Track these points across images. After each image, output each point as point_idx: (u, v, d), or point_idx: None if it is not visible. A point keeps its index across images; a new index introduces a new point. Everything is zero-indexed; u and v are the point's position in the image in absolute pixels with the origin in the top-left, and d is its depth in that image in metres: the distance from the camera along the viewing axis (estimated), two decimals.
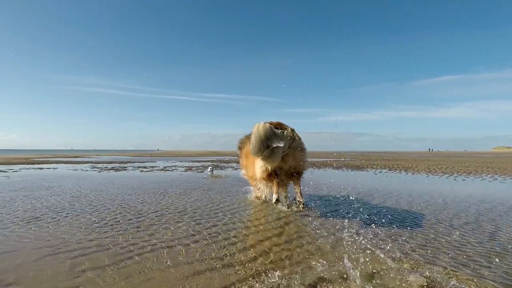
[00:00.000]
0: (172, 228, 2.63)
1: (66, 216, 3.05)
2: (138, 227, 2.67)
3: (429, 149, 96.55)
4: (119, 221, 2.88)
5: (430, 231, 2.59)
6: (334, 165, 12.85)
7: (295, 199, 3.50)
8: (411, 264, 1.82)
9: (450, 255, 2.00)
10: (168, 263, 1.85)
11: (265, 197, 3.86)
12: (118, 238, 2.36)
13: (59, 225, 2.73)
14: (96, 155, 30.01)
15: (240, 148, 4.19)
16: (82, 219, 2.93)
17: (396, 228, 2.65)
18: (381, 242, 2.24)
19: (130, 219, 2.95)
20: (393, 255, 1.95)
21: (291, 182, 3.51)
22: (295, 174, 3.37)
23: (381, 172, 9.24)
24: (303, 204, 3.24)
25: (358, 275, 1.60)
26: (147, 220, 2.91)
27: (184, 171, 9.12)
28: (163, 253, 2.03)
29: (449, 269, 1.75)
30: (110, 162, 14.48)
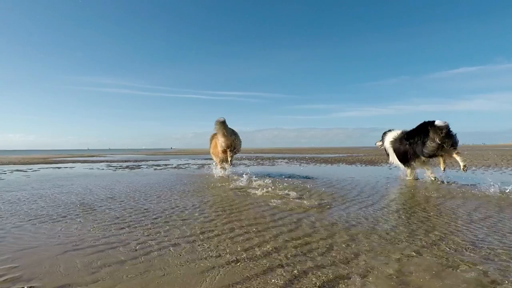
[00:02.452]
0: (189, 224, 2.66)
1: (87, 213, 3.12)
2: (155, 223, 2.71)
3: None
4: (137, 217, 2.93)
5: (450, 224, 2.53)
6: (348, 160, 12.71)
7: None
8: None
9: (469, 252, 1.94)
10: (185, 258, 1.87)
11: (222, 164, 6.72)
12: (136, 234, 2.39)
13: (80, 221, 2.79)
14: (111, 154, 30.64)
15: (210, 140, 7.00)
16: (101, 216, 3.00)
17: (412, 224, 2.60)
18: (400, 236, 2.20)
19: (147, 215, 2.99)
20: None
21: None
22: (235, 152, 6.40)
23: (396, 166, 9.05)
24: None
25: None
26: (164, 216, 2.95)
27: (197, 169, 9.19)
28: (180, 248, 2.05)
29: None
30: (125, 161, 14.75)
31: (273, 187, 4.53)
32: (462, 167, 4.97)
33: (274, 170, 8.27)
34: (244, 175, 5.51)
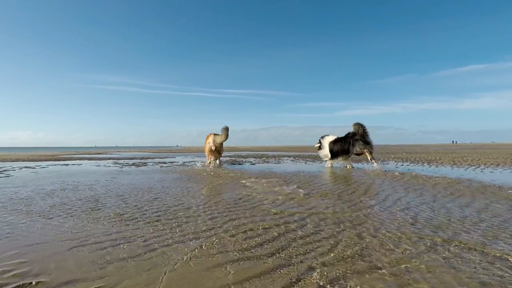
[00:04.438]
0: (194, 221, 2.67)
1: (94, 209, 3.15)
2: (162, 219, 2.73)
3: (453, 142, 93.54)
4: (143, 213, 2.95)
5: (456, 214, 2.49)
6: (354, 158, 12.62)
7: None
8: None
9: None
10: (190, 255, 1.88)
11: (210, 161, 9.03)
12: (143, 230, 2.41)
13: (88, 217, 2.82)
14: (118, 151, 30.89)
15: (206, 140, 8.86)
16: (108, 212, 3.02)
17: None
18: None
19: (153, 212, 3.01)
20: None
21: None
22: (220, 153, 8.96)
23: (402, 165, 8.98)
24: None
25: None
26: (171, 213, 2.96)
27: (203, 166, 9.21)
28: (187, 244, 2.06)
29: None
30: (131, 158, 14.85)
31: (279, 184, 4.52)
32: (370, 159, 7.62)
33: (280, 168, 8.25)
34: (250, 173, 5.50)
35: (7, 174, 7.08)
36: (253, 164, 9.88)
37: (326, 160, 8.52)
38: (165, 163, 11.13)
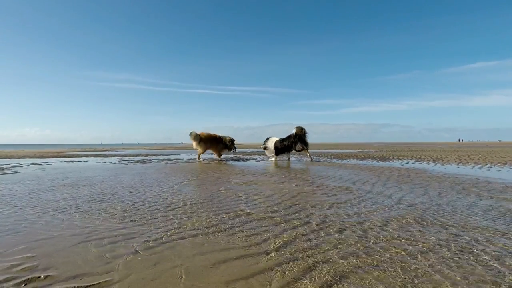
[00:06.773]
0: (198, 217, 2.68)
1: (101, 204, 3.18)
2: (168, 215, 2.75)
3: (459, 140, 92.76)
4: (149, 209, 2.98)
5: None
6: (359, 156, 12.58)
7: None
8: None
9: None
10: (195, 251, 1.89)
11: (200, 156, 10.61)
12: (149, 225, 2.43)
13: (94, 212, 2.85)
14: (123, 148, 31.10)
15: (198, 140, 10.13)
16: (114, 207, 3.05)
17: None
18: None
19: (159, 207, 3.03)
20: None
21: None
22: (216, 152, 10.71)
23: (407, 163, 8.92)
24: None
25: None
26: (175, 210, 2.98)
27: (207, 163, 9.25)
28: (193, 240, 2.07)
29: None
30: (136, 155, 14.95)
31: (283, 181, 4.52)
32: (309, 156, 10.15)
33: (284, 165, 8.25)
34: (254, 171, 5.51)
35: (15, 170, 7.18)
36: (257, 161, 9.89)
37: (271, 157, 10.38)
38: (170, 160, 11.19)
